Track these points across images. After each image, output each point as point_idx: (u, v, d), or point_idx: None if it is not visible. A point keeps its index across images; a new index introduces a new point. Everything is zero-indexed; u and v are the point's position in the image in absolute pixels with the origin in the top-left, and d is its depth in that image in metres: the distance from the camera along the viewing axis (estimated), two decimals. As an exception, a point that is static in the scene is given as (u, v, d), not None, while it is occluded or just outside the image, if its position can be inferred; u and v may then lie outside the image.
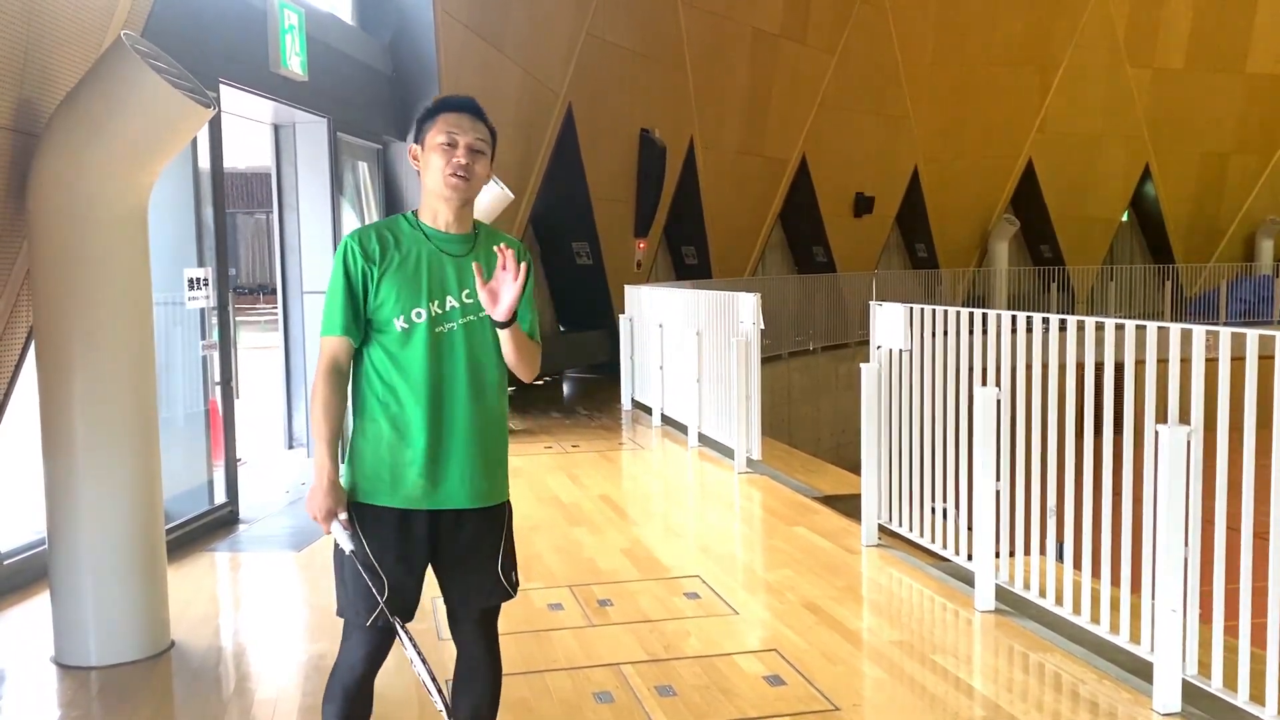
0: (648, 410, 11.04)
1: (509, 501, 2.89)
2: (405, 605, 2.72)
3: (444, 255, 2.72)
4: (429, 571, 2.79)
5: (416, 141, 2.78)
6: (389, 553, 2.69)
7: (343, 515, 2.68)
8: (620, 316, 12.25)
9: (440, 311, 2.69)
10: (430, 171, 2.72)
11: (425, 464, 2.68)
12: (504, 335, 2.71)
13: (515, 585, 2.84)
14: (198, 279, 6.48)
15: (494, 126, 2.82)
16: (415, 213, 2.80)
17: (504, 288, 2.65)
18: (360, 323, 2.71)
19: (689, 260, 17.44)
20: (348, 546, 2.68)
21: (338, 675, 2.77)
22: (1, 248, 4.73)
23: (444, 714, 2.69)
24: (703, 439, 9.29)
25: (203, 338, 6.74)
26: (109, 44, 4.64)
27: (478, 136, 2.73)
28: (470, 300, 2.71)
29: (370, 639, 2.72)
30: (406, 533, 2.70)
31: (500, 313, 2.66)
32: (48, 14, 4.80)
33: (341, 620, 2.78)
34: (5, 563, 5.36)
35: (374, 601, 2.66)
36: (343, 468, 2.74)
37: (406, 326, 2.68)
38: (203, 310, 6.65)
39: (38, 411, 4.47)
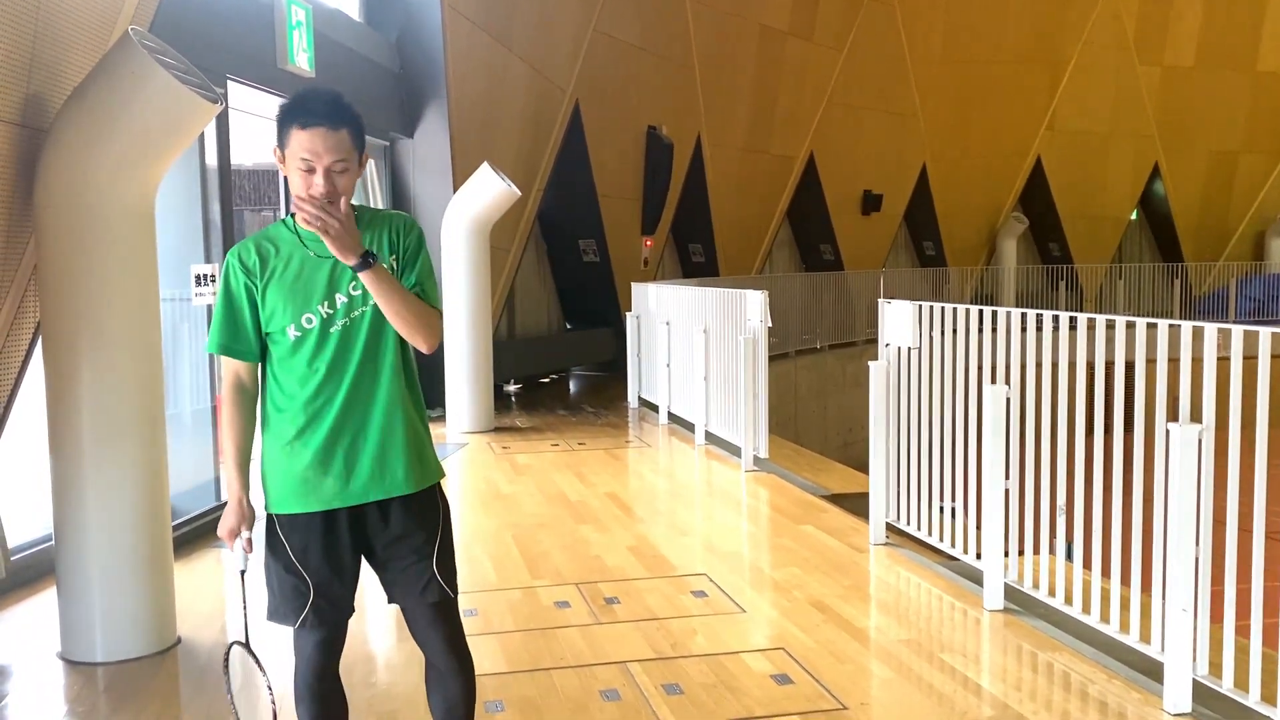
0: (654, 408, 11.02)
1: (442, 494, 2.82)
2: (334, 604, 2.72)
3: (319, 257, 2.66)
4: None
5: (278, 144, 2.66)
6: (313, 555, 2.68)
7: (245, 534, 2.68)
8: (627, 314, 12.23)
9: (330, 312, 2.66)
10: (293, 186, 2.64)
11: (331, 462, 2.66)
12: (370, 282, 2.57)
13: (455, 589, 2.79)
14: (204, 275, 6.49)
15: (357, 116, 2.64)
16: (294, 215, 2.72)
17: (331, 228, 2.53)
18: (244, 338, 2.68)
19: (696, 258, 17.41)
20: (239, 566, 2.72)
21: (299, 674, 2.77)
22: (9, 243, 4.73)
23: None
24: (709, 437, 9.27)
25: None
26: (116, 39, 4.63)
27: (337, 158, 2.58)
28: (358, 292, 2.66)
29: (315, 632, 2.72)
30: (331, 533, 2.69)
31: (348, 256, 2.54)
32: (56, 9, 4.79)
33: None
34: (13, 558, 5.37)
35: (300, 604, 2.67)
36: (262, 482, 2.73)
37: (299, 333, 2.65)
38: (209, 307, 6.65)
39: (45, 407, 4.47)
